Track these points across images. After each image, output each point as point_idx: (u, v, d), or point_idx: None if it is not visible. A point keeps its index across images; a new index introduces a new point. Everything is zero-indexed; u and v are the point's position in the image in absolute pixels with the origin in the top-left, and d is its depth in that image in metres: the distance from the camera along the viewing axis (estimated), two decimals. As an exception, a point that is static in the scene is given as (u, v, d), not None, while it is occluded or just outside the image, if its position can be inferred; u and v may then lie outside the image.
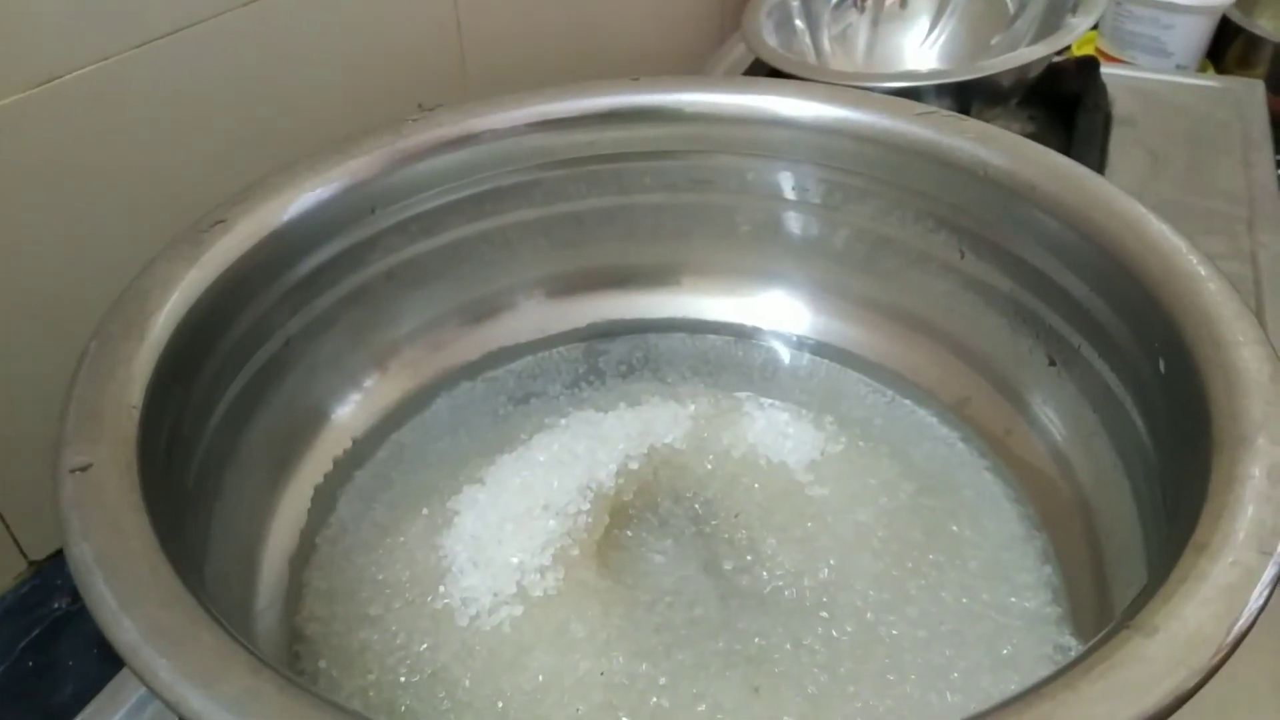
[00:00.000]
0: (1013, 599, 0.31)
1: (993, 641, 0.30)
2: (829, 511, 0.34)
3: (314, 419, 0.36)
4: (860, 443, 0.37)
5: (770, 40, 0.58)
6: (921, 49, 0.68)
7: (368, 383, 0.38)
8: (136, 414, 0.25)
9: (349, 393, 0.37)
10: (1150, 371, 0.29)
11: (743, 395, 0.39)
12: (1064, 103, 0.62)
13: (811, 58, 0.65)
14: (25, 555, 0.38)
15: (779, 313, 0.42)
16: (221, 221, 0.31)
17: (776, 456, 0.36)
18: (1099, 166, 0.58)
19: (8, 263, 0.34)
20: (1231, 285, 0.28)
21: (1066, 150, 0.56)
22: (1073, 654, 0.26)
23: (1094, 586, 0.31)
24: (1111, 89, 0.65)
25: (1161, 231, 0.30)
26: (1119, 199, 0.32)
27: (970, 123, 0.35)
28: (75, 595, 0.38)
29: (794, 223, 0.40)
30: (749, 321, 0.42)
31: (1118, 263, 0.30)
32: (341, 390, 0.37)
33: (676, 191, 0.41)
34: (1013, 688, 0.24)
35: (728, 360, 0.41)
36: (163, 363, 0.27)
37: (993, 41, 0.65)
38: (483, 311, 0.41)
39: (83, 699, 0.33)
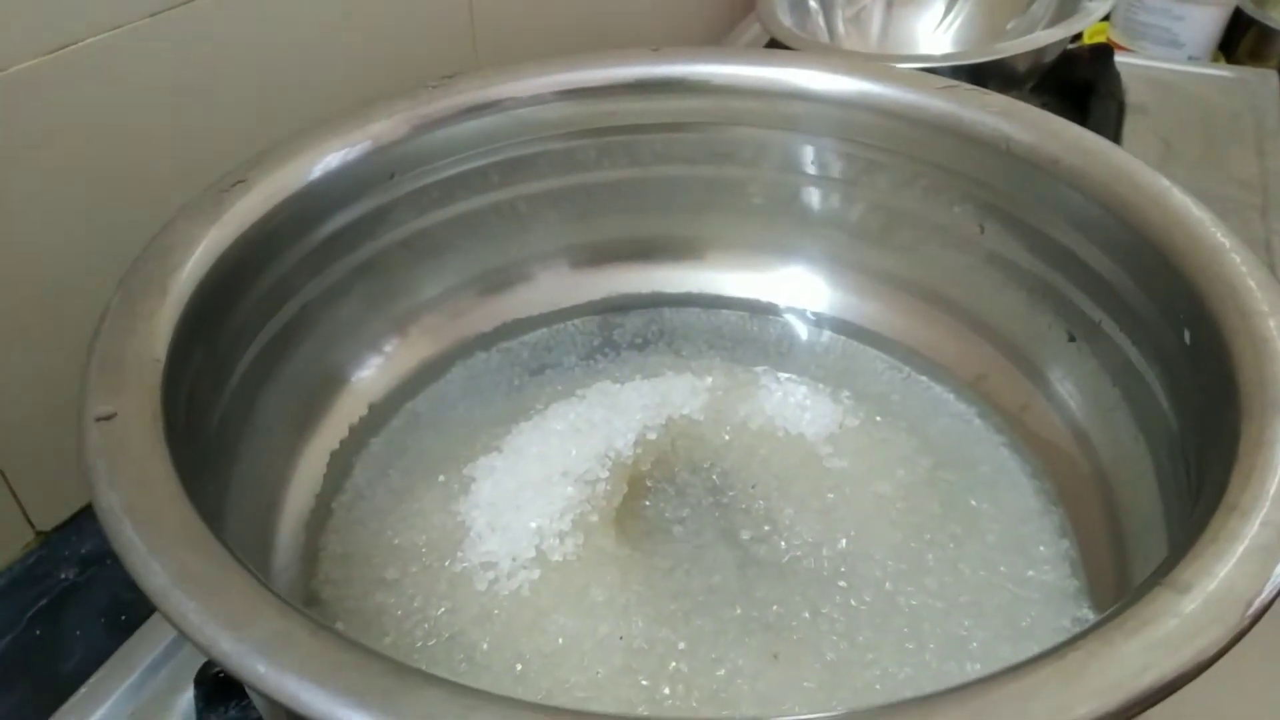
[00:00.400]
0: (1030, 572, 0.31)
1: (1011, 613, 0.30)
2: (847, 483, 0.33)
3: (331, 385, 0.36)
4: (877, 417, 0.37)
5: (785, 20, 0.58)
6: (936, 32, 0.68)
7: (386, 349, 0.38)
8: (160, 367, 0.25)
9: (366, 359, 0.37)
10: (1174, 344, 0.29)
11: (759, 369, 0.39)
12: (1078, 90, 0.62)
13: (825, 39, 0.65)
14: (33, 525, 0.38)
15: (796, 288, 0.42)
16: (242, 181, 0.31)
17: (794, 429, 0.35)
18: (1113, 154, 0.57)
19: (18, 227, 0.34)
20: (1257, 256, 0.28)
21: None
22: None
23: (1113, 561, 0.31)
24: (1124, 78, 0.65)
25: (1185, 204, 0.30)
26: (1142, 172, 0.32)
27: (993, 97, 0.35)
28: (83, 566, 0.38)
29: (812, 197, 0.40)
30: (765, 297, 0.42)
31: (1142, 236, 0.30)
32: (359, 356, 0.37)
33: (694, 164, 0.40)
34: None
35: (743, 335, 0.41)
36: (184, 320, 0.27)
37: (1008, 26, 0.65)
38: (498, 282, 0.41)
39: (90, 669, 0.33)
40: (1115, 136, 0.60)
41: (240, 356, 0.31)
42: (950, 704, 0.18)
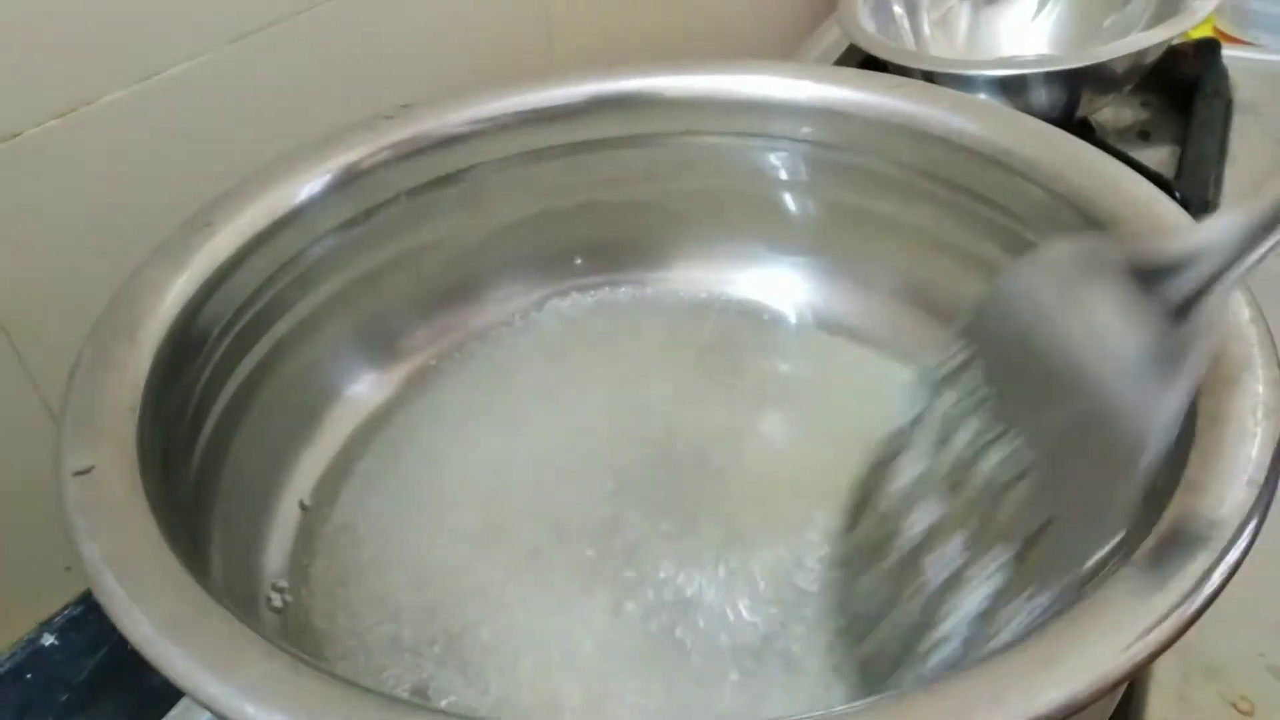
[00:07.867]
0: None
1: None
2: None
3: (310, 414, 0.36)
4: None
5: (867, 25, 0.56)
6: (1027, 32, 0.63)
7: (366, 375, 0.38)
8: (135, 416, 0.25)
9: (345, 387, 0.37)
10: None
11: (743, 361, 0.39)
12: (1181, 88, 0.58)
13: (910, 44, 0.61)
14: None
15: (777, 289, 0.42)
16: (208, 224, 0.31)
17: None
18: (1219, 155, 0.54)
19: (107, 255, 0.34)
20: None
21: (1184, 139, 0.55)
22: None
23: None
24: (1233, 73, 0.60)
25: (1136, 183, 0.31)
26: (1091, 155, 0.32)
27: (942, 91, 0.36)
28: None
29: (780, 201, 0.41)
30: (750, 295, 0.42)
31: (1096, 221, 0.31)
32: (337, 385, 0.37)
33: (655, 178, 0.41)
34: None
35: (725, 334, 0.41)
36: (156, 366, 0.27)
37: (1105, 24, 0.60)
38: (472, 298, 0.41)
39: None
40: (1222, 137, 0.56)
41: (217, 396, 0.31)
42: (929, 699, 0.18)
